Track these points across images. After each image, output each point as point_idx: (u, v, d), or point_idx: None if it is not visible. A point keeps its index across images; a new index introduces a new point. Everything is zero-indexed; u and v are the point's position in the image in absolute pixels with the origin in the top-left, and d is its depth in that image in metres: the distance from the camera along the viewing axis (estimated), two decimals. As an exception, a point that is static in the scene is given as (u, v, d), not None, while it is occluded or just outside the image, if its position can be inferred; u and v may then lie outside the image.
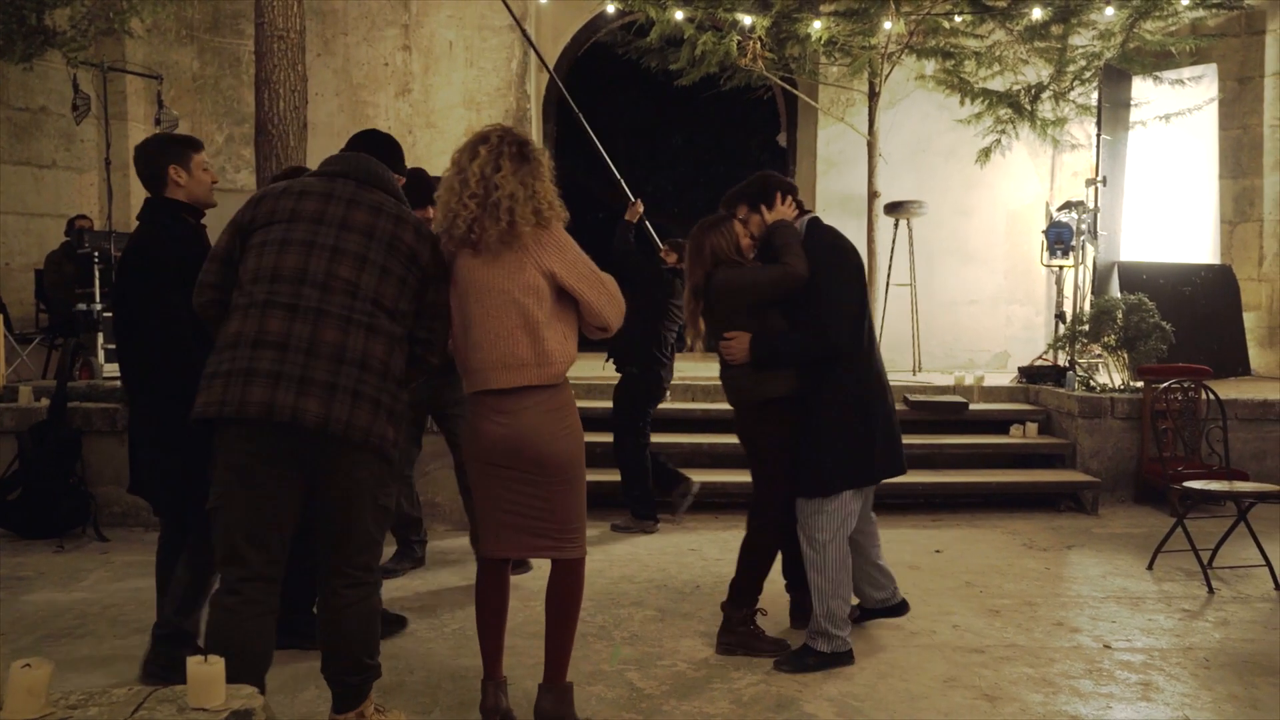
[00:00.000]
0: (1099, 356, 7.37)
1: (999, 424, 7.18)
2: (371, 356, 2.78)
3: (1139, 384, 6.78)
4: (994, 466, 6.85)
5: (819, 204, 9.57)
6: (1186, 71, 8.61)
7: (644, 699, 3.44)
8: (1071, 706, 3.42)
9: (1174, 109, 8.57)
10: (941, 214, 9.21)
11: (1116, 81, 8.32)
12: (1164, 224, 8.76)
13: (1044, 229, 8.52)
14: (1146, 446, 6.53)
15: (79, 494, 5.62)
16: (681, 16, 7.97)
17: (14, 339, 7.87)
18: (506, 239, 2.90)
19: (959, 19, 8.14)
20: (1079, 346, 7.36)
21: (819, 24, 7.89)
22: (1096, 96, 8.17)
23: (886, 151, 8.59)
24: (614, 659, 3.80)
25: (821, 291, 3.67)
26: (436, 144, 9.30)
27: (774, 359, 3.73)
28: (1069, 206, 8.25)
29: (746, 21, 7.88)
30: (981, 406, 7.30)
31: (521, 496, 3.02)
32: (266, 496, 2.74)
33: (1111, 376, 7.19)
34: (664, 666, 3.74)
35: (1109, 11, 8.11)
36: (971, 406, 7.18)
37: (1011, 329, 9.67)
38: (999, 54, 8.46)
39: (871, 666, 3.74)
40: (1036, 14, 8.02)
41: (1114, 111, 8.23)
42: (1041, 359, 8.09)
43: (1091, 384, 7.10)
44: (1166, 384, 5.82)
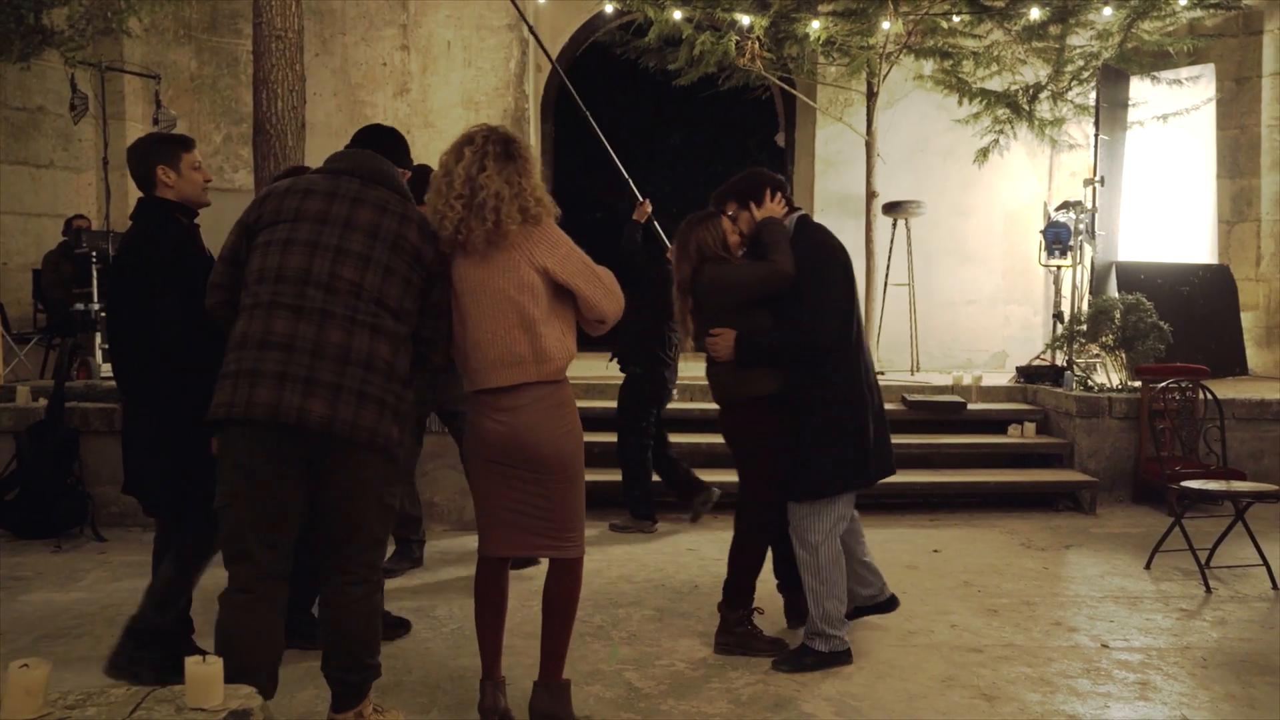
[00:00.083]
0: (1097, 356, 7.38)
1: (997, 424, 7.18)
2: (376, 357, 2.79)
3: (1137, 384, 6.79)
4: (992, 466, 6.85)
5: (817, 204, 9.58)
6: (1184, 71, 8.62)
7: (642, 698, 3.44)
8: (1069, 706, 3.42)
9: (1172, 109, 8.57)
10: (940, 214, 9.22)
11: (1114, 81, 8.32)
12: (1162, 224, 8.77)
13: (1042, 229, 8.52)
14: (1144, 446, 6.54)
15: (77, 494, 5.62)
16: (680, 16, 7.97)
17: (11, 339, 7.86)
18: (493, 239, 2.91)
19: (957, 19, 8.14)
20: (1077, 346, 7.36)
21: (817, 24, 7.89)
22: (1094, 96, 8.18)
23: (885, 151, 8.59)
24: (612, 659, 3.80)
25: (808, 290, 3.64)
26: (435, 144, 9.21)
27: (759, 357, 3.71)
28: (1067, 206, 8.25)
29: (745, 21, 7.88)
30: (979, 406, 7.30)
31: (521, 495, 3.02)
32: (273, 496, 2.77)
33: (1109, 376, 7.19)
34: (662, 666, 3.74)
35: (1107, 11, 8.12)
36: (970, 406, 7.19)
37: (1009, 329, 9.68)
38: (997, 54, 8.47)
39: (869, 666, 3.74)
40: (1034, 14, 8.02)
41: (1112, 111, 8.23)
42: (1039, 359, 8.09)
43: (1089, 384, 7.10)
44: (1164, 384, 5.83)
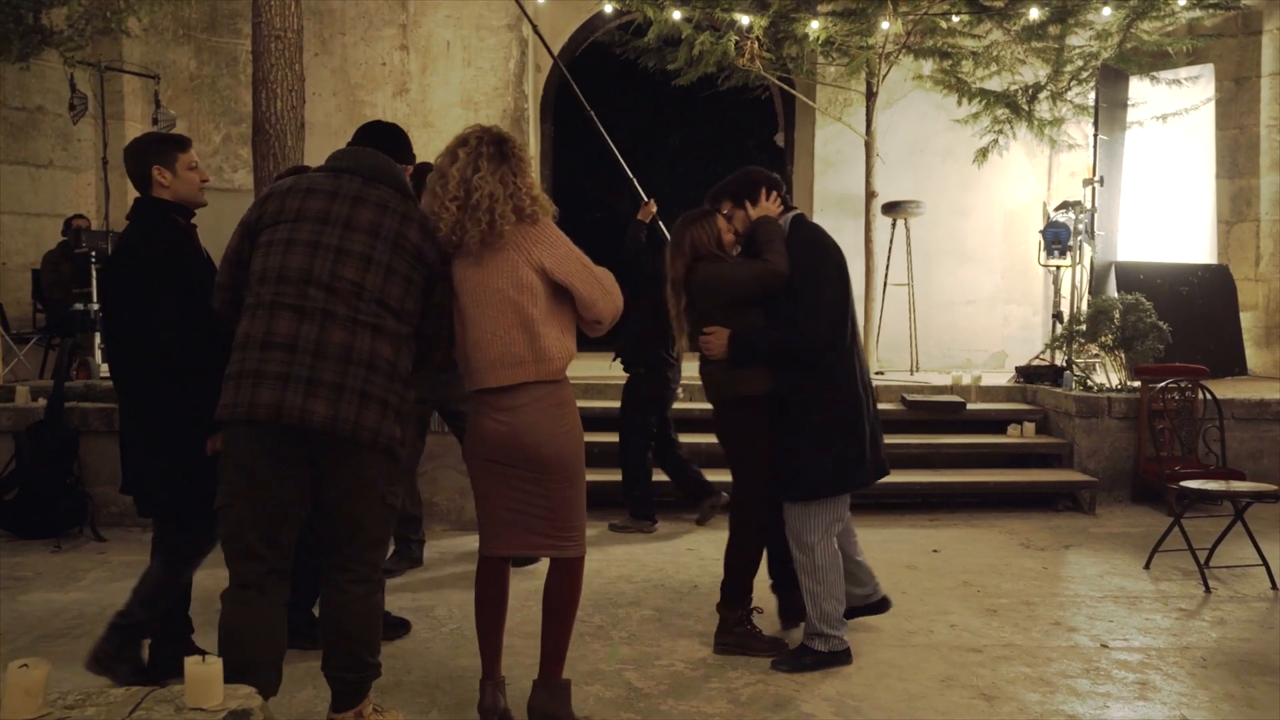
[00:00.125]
0: (1096, 356, 7.38)
1: (996, 424, 7.18)
2: (379, 357, 2.80)
3: (1136, 384, 6.79)
4: (991, 466, 6.85)
5: (816, 204, 9.58)
6: (1183, 71, 8.63)
7: (641, 698, 3.44)
8: (1069, 706, 3.42)
9: (1171, 109, 8.57)
10: (939, 214, 9.22)
11: (1113, 81, 8.32)
12: (1161, 224, 8.77)
13: (1041, 229, 8.52)
14: (1144, 446, 6.54)
15: (76, 494, 5.62)
16: (679, 16, 7.96)
17: (11, 339, 7.86)
18: (488, 240, 2.92)
19: (956, 19, 8.14)
20: (1076, 346, 7.36)
21: (816, 24, 7.89)
22: (1094, 96, 8.18)
23: (884, 151, 8.59)
24: (612, 659, 3.80)
25: (803, 290, 3.63)
26: (434, 144, 9.14)
27: (752, 356, 3.70)
28: (1066, 206, 8.25)
29: (744, 21, 7.88)
30: (979, 406, 7.31)
31: (521, 494, 3.02)
32: (274, 496, 2.79)
33: (1109, 376, 7.20)
34: (661, 666, 3.74)
35: (1106, 12, 8.12)
36: (969, 406, 7.19)
37: (1009, 329, 9.68)
38: (996, 54, 8.47)
39: (869, 666, 3.74)
40: (1034, 14, 8.02)
41: (1111, 111, 8.24)
42: (1039, 359, 8.09)
43: (1089, 384, 7.11)
44: (1164, 384, 5.83)
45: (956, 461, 6.86)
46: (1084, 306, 7.75)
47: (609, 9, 8.44)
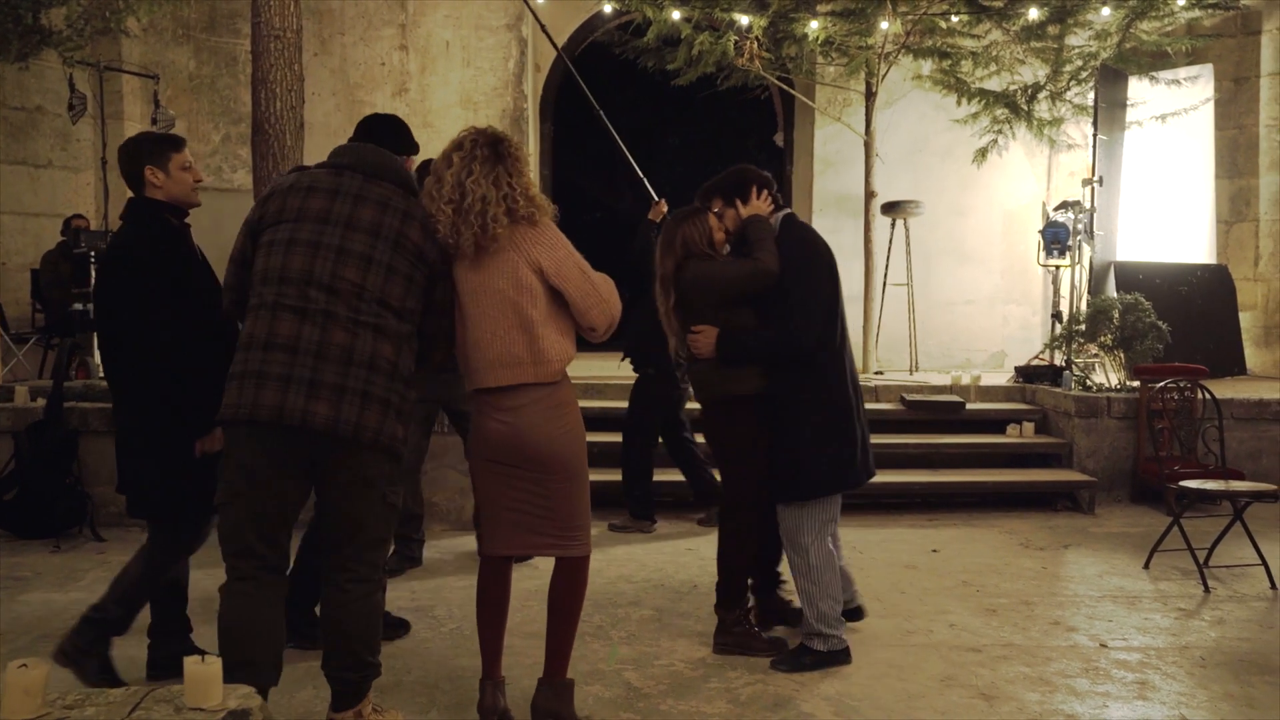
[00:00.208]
0: (1095, 356, 7.38)
1: (996, 423, 7.19)
2: (380, 357, 2.81)
3: (1135, 383, 6.79)
4: (991, 466, 6.86)
5: (816, 204, 9.58)
6: (1182, 72, 8.63)
7: (641, 698, 3.44)
8: (1068, 705, 3.42)
9: (1170, 109, 8.57)
10: (938, 214, 9.22)
11: (1113, 81, 8.33)
12: (1160, 224, 8.77)
13: (1040, 229, 8.52)
14: (1143, 446, 6.54)
15: (75, 494, 5.62)
16: (678, 16, 7.96)
17: (10, 339, 7.86)
18: (481, 242, 2.92)
19: (956, 19, 8.14)
20: (1075, 346, 7.36)
21: (816, 24, 7.89)
22: (1093, 96, 8.18)
23: (883, 151, 8.59)
24: (611, 658, 3.80)
25: (793, 289, 3.63)
26: (433, 144, 9.11)
27: (741, 355, 3.69)
28: (1065, 206, 8.25)
29: (743, 21, 7.88)
30: (978, 406, 7.31)
31: (523, 494, 3.03)
32: (273, 496, 2.82)
33: (1108, 376, 7.20)
34: (661, 666, 3.74)
35: (1105, 12, 8.12)
36: (968, 406, 7.19)
37: (1008, 329, 9.68)
38: (995, 54, 8.47)
39: (868, 666, 3.74)
40: (1033, 14, 8.03)
41: (1110, 111, 8.24)
42: (1038, 359, 8.09)
43: (1088, 383, 7.11)
44: (1163, 383, 5.83)
45: (956, 461, 6.86)
46: (1083, 306, 7.76)
47: (608, 9, 8.44)
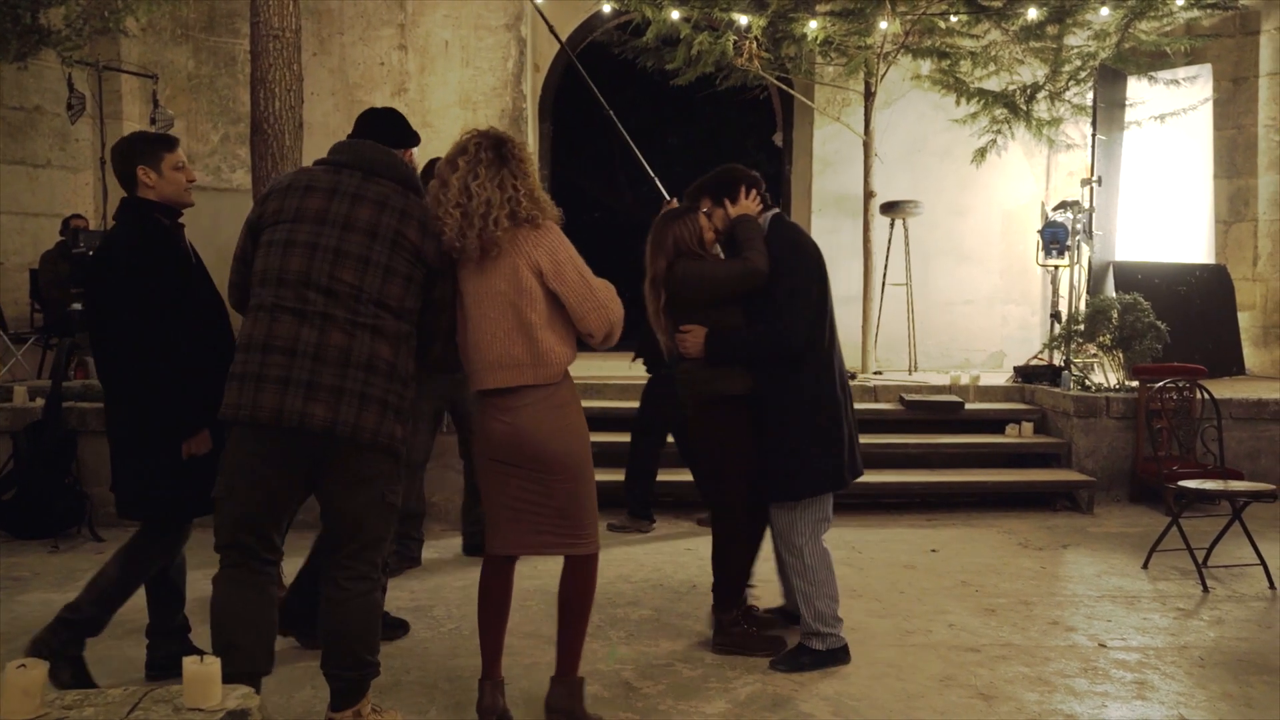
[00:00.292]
0: (1094, 356, 7.38)
1: (995, 423, 7.19)
2: (378, 358, 2.83)
3: (1134, 383, 6.79)
4: (990, 466, 6.86)
5: (815, 204, 9.58)
6: (1181, 72, 8.63)
7: (640, 698, 3.44)
8: (1067, 705, 3.43)
9: (1169, 109, 8.57)
10: (937, 214, 9.22)
11: (1111, 81, 8.33)
12: (1159, 224, 8.78)
13: (1039, 229, 8.53)
14: (1141, 446, 6.55)
15: (74, 494, 5.61)
16: (677, 16, 7.96)
17: (9, 339, 7.85)
18: (485, 245, 2.93)
19: (955, 19, 8.14)
20: (1074, 346, 7.37)
21: (815, 24, 7.88)
22: (1092, 96, 8.18)
23: (882, 151, 8.58)
24: (611, 658, 3.80)
25: (781, 290, 3.63)
26: (433, 143, 9.13)
27: (729, 355, 3.69)
28: (1064, 206, 8.25)
29: (742, 21, 7.87)
30: (977, 406, 7.31)
31: (527, 493, 3.04)
32: (271, 495, 2.86)
33: (1107, 376, 7.20)
34: (660, 666, 3.74)
35: (1104, 12, 8.12)
36: (967, 406, 7.19)
37: (1007, 329, 9.68)
38: (994, 54, 8.46)
39: (867, 666, 3.74)
40: (1032, 14, 8.02)
41: (1109, 111, 8.24)
42: (1037, 359, 8.10)
43: (1087, 383, 7.11)
44: (1161, 383, 5.84)
45: (955, 461, 6.86)
46: (1082, 306, 7.76)
47: (607, 9, 8.44)
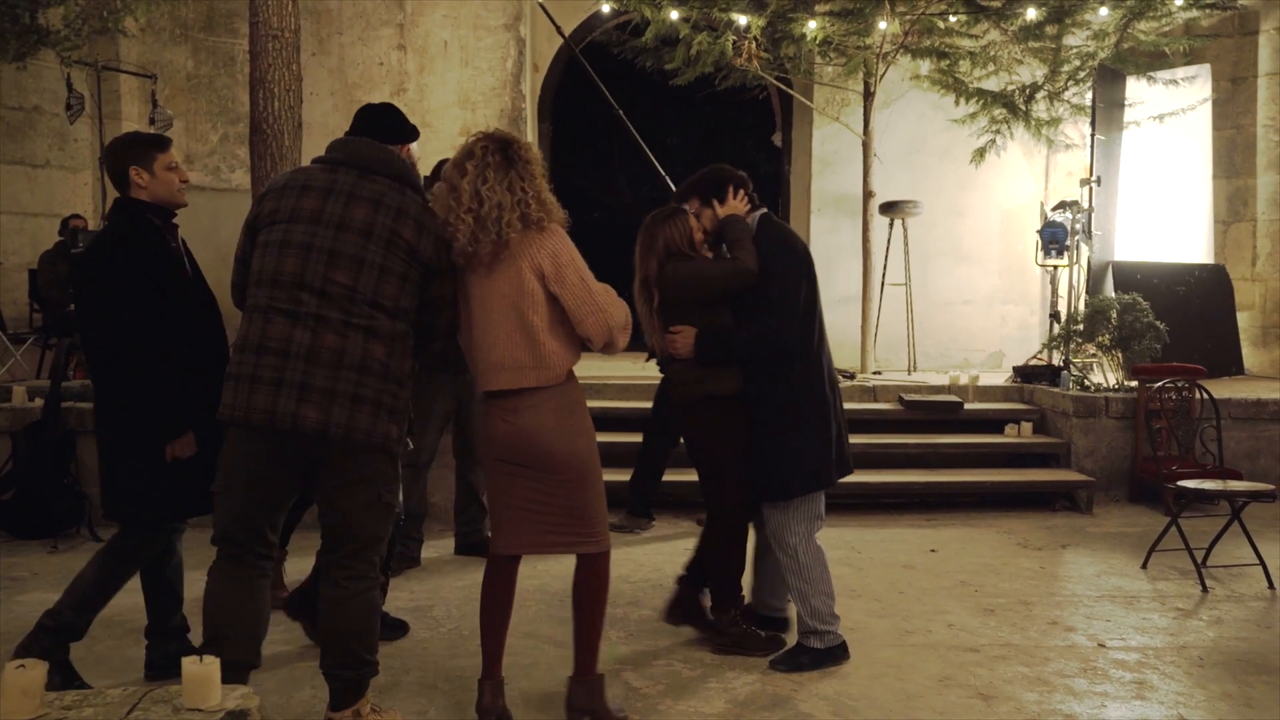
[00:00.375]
0: (1093, 356, 7.38)
1: (994, 423, 7.18)
2: (371, 359, 2.83)
3: (1133, 383, 6.80)
4: (989, 466, 6.86)
5: (814, 204, 9.58)
6: (1180, 72, 8.63)
7: (640, 698, 3.44)
8: (1066, 705, 3.43)
9: (1168, 109, 8.58)
10: (936, 214, 9.21)
11: (1110, 82, 8.33)
12: (1158, 224, 8.78)
13: (1039, 229, 8.53)
14: (1141, 446, 6.55)
15: (73, 494, 5.61)
16: (676, 16, 7.96)
17: (8, 339, 7.85)
18: (497, 248, 2.95)
19: (954, 19, 8.14)
20: (1073, 346, 7.37)
21: (814, 24, 7.88)
22: (1091, 96, 8.19)
23: (881, 151, 8.58)
24: (610, 658, 3.80)
25: (771, 289, 3.63)
26: (432, 143, 9.22)
27: (720, 355, 3.69)
28: (1063, 206, 8.25)
29: (741, 21, 7.87)
30: (976, 406, 7.31)
31: (533, 493, 3.05)
32: (266, 494, 2.90)
33: (1106, 376, 7.20)
34: (660, 666, 3.75)
35: (1103, 12, 8.12)
36: (966, 406, 7.19)
37: (1006, 329, 9.68)
38: (994, 54, 8.47)
39: (866, 665, 3.75)
40: (1031, 14, 8.02)
41: (1108, 111, 8.24)
42: (1036, 359, 8.10)
43: (1086, 383, 7.11)
44: (1161, 383, 5.84)
45: (954, 461, 6.86)
46: (1081, 306, 7.76)
47: (606, 9, 8.44)
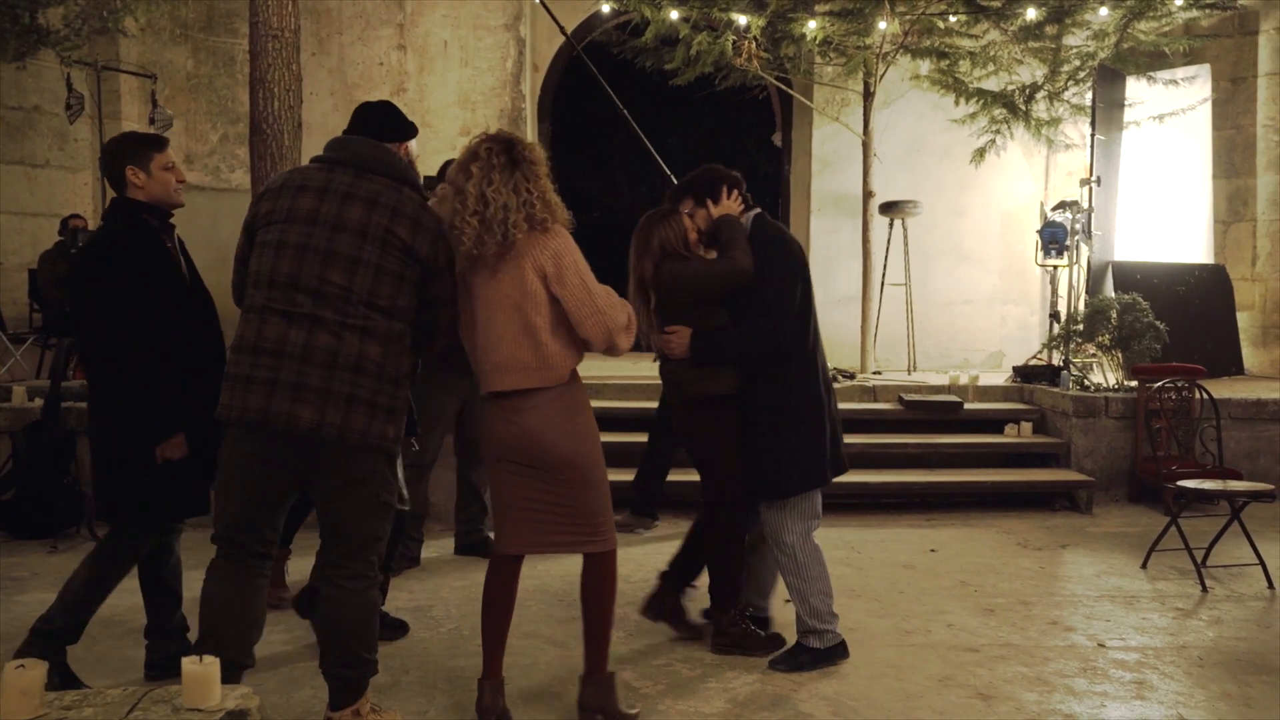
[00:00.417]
0: (1093, 356, 7.38)
1: (994, 423, 7.18)
2: (366, 359, 2.83)
3: (1133, 383, 6.80)
4: (989, 466, 6.86)
5: (814, 203, 9.58)
6: (1180, 72, 8.63)
7: (640, 698, 3.44)
8: (1066, 705, 3.43)
9: (1168, 109, 8.58)
10: (936, 214, 9.21)
11: (1110, 81, 8.33)
12: (1158, 224, 8.78)
13: (1038, 229, 8.53)
14: (1140, 446, 6.55)
15: (73, 494, 5.61)
16: (676, 16, 7.96)
17: (7, 339, 7.85)
18: (503, 250, 2.95)
19: (954, 19, 8.14)
20: (1073, 346, 7.37)
21: (814, 24, 7.88)
22: (1091, 96, 8.19)
23: (881, 151, 8.58)
24: (609, 657, 3.79)
25: (765, 288, 3.64)
26: (431, 143, 9.26)
27: (716, 355, 3.70)
28: (1063, 206, 8.26)
29: (741, 21, 7.87)
30: (976, 406, 7.31)
31: (537, 493, 3.06)
32: (262, 493, 2.91)
33: (1106, 376, 7.20)
34: (659, 666, 3.75)
35: (1103, 12, 8.12)
36: (966, 406, 7.19)
37: (1006, 329, 9.68)
38: (993, 54, 8.47)
39: (866, 665, 3.75)
40: (1031, 14, 8.02)
41: (1108, 111, 8.24)
42: (1036, 359, 8.10)
43: (1086, 383, 7.11)
44: (1160, 383, 5.84)
45: (954, 461, 6.86)
46: (1081, 306, 7.76)
47: (606, 9, 8.44)
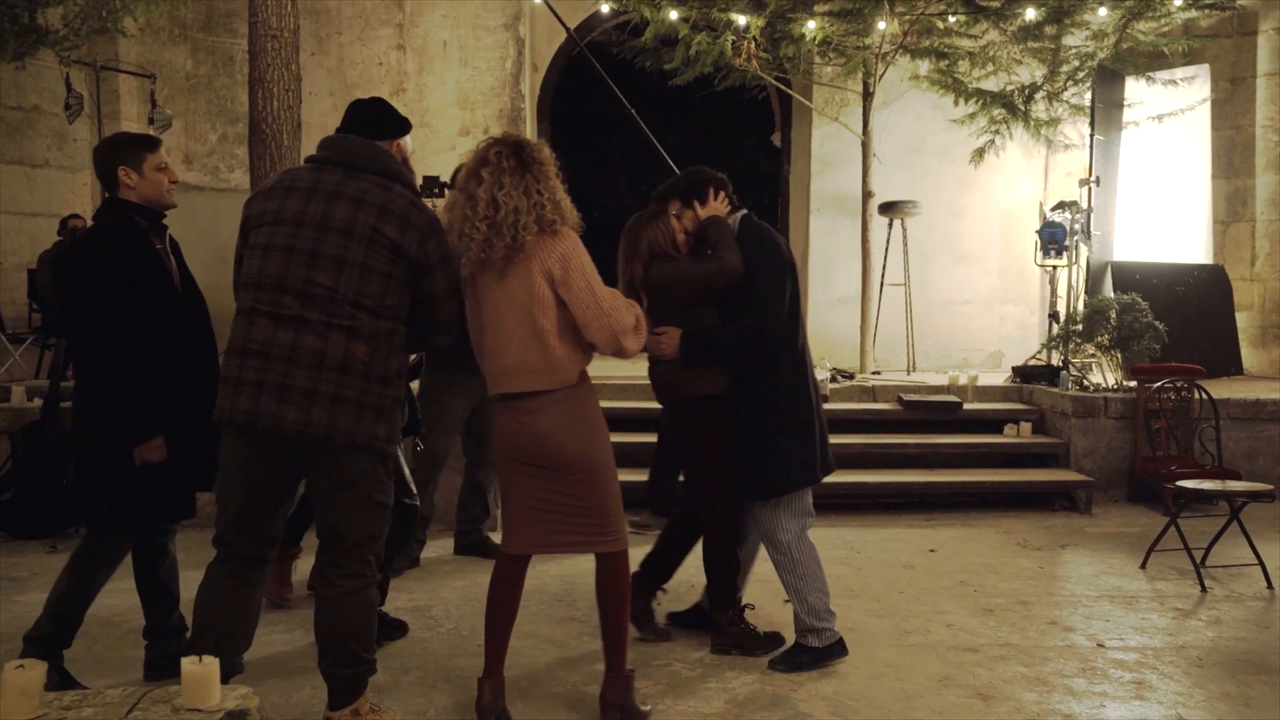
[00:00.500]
0: (1092, 356, 7.39)
1: (993, 423, 7.19)
2: (352, 358, 2.83)
3: (1132, 383, 6.80)
4: (988, 466, 6.86)
5: (813, 203, 9.58)
6: (1179, 72, 8.64)
7: (640, 698, 3.43)
8: (1065, 705, 3.43)
9: (1167, 109, 8.59)
10: (935, 214, 9.21)
11: (1110, 82, 8.34)
12: (1157, 224, 8.79)
13: (1038, 229, 8.53)
14: (1140, 446, 6.56)
15: (72, 494, 5.60)
16: (676, 16, 7.96)
17: (7, 339, 7.84)
18: (512, 253, 2.96)
19: (953, 19, 8.15)
20: (1072, 346, 7.37)
21: (813, 24, 7.89)
22: (1090, 97, 8.19)
23: (881, 151, 8.59)
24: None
25: (754, 288, 3.64)
26: (431, 143, 9.29)
27: (706, 355, 3.70)
28: (1063, 206, 8.26)
29: (741, 21, 7.88)
30: (976, 406, 7.31)
31: (547, 494, 3.07)
32: (257, 495, 2.93)
33: (1105, 376, 7.20)
34: (659, 666, 3.75)
35: (1102, 12, 8.13)
36: (966, 406, 7.19)
37: (1005, 329, 9.68)
38: (993, 54, 8.47)
39: (866, 665, 3.75)
40: (1030, 14, 8.03)
41: (1107, 112, 8.25)
42: (1035, 359, 8.10)
43: (1085, 384, 7.11)
44: (1160, 383, 5.84)
45: (953, 461, 6.86)
46: (1080, 306, 7.76)
47: (606, 9, 8.44)
